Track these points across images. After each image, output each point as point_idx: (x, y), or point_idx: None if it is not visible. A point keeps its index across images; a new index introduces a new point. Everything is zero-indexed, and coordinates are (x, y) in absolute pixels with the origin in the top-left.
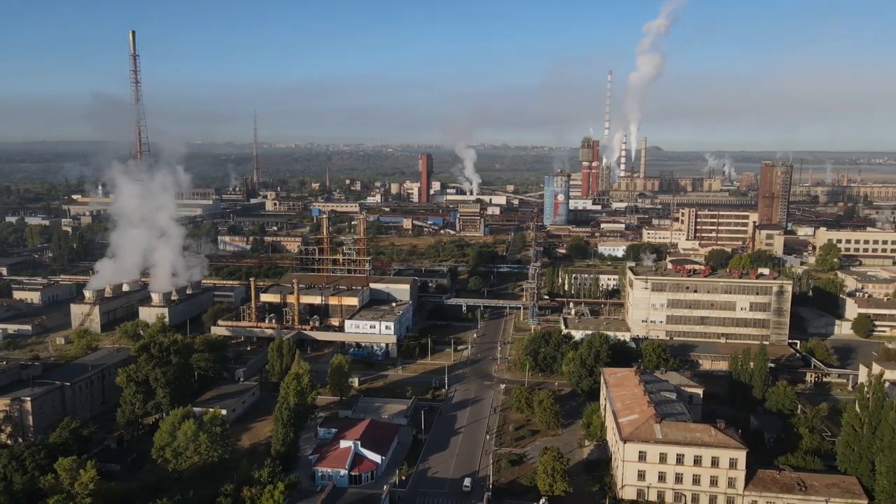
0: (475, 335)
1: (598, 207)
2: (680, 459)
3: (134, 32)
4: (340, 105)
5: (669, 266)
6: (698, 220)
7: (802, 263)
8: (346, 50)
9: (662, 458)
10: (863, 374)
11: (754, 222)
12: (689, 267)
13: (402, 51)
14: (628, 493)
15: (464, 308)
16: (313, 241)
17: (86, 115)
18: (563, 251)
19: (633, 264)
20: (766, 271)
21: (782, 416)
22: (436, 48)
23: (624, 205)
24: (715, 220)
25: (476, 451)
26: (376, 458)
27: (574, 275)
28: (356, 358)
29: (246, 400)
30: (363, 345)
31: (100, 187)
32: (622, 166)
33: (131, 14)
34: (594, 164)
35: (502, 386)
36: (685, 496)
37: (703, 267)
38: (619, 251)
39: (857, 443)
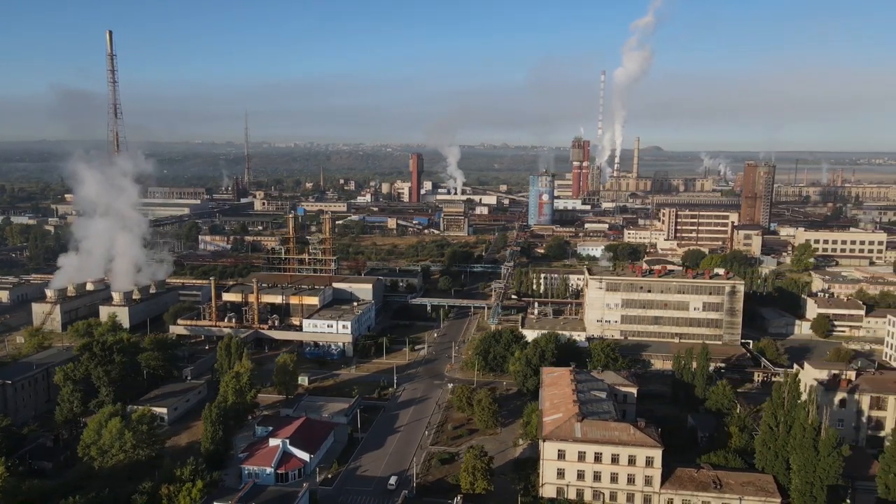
0: (435, 335)
1: (588, 207)
2: (598, 458)
3: (111, 32)
4: (337, 104)
5: (646, 265)
6: (678, 220)
7: (780, 263)
8: (344, 49)
9: (581, 457)
10: (817, 372)
11: (733, 223)
12: (645, 267)
13: (399, 50)
14: (548, 492)
15: (428, 308)
16: (280, 241)
17: (51, 111)
18: (542, 251)
19: (604, 263)
20: (720, 271)
21: (720, 415)
22: (432, 47)
23: (613, 205)
24: (695, 221)
25: (410, 450)
26: (304, 456)
27: (543, 275)
28: (311, 357)
29: (190, 399)
30: (321, 344)
31: None
32: (616, 166)
33: (131, 14)
34: (584, 163)
35: (450, 385)
36: (603, 494)
37: (659, 267)
38: (598, 251)
39: (773, 441)
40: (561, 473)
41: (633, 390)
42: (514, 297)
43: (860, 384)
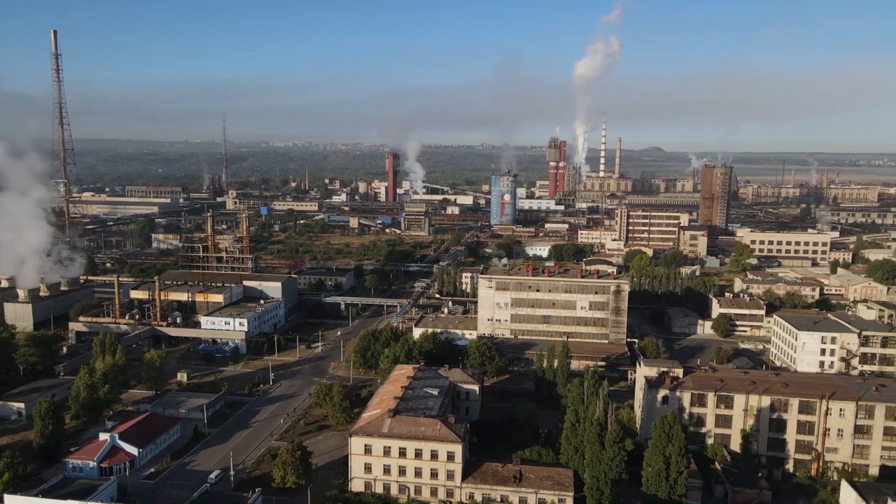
0: (339, 332)
1: (562, 207)
2: (403, 452)
3: (55, 32)
4: (334, 100)
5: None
6: (630, 220)
7: (722, 264)
8: (342, 44)
9: (387, 452)
10: (638, 371)
11: (679, 224)
12: (535, 266)
13: (389, 50)
14: (357, 486)
15: (342, 306)
16: (197, 239)
17: None
18: (489, 251)
19: (495, 261)
20: (611, 270)
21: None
22: (428, 45)
23: (585, 205)
24: (647, 221)
25: (253, 445)
26: (133, 450)
27: (468, 274)
28: (203, 354)
29: (57, 394)
30: (219, 341)
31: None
32: (602, 166)
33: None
34: (561, 163)
35: (322, 381)
36: (409, 488)
37: (553, 266)
38: (545, 251)
39: (574, 437)
40: (368, 468)
41: (476, 387)
42: (437, 296)
43: (685, 382)
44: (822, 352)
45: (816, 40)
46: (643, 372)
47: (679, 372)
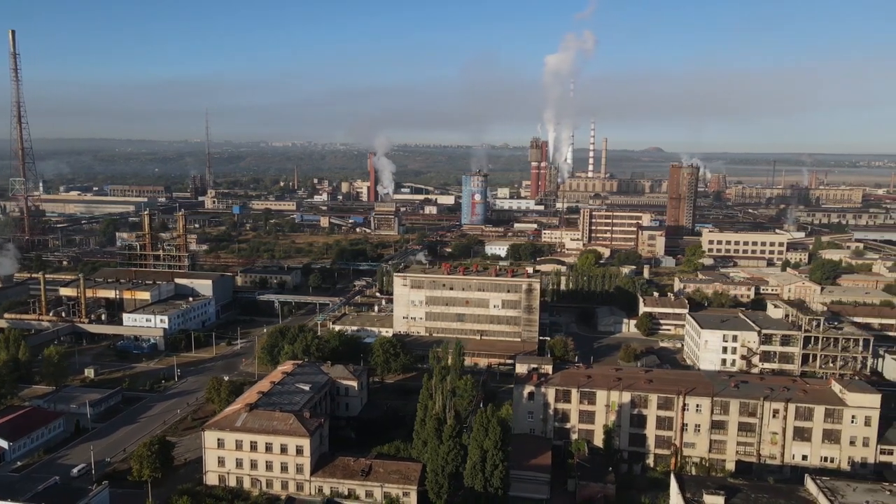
0: (265, 330)
1: (542, 207)
2: (255, 446)
3: (14, 31)
4: (333, 99)
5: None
6: (593, 220)
7: (679, 264)
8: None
9: (239, 445)
10: (519, 367)
11: (639, 224)
12: (453, 264)
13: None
14: (211, 479)
15: (276, 304)
16: (136, 238)
17: None
18: (450, 250)
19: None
20: (531, 269)
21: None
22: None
23: (565, 205)
24: (609, 221)
25: (134, 440)
26: (3, 443)
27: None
28: (121, 350)
29: None
30: (140, 337)
31: (41, 185)
32: (591, 166)
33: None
34: (542, 164)
35: (226, 378)
36: (261, 482)
37: (472, 264)
38: (503, 251)
39: (423, 432)
40: (222, 462)
41: (355, 383)
42: (377, 294)
43: (552, 378)
44: (724, 350)
45: (816, 39)
46: (516, 369)
47: (548, 369)
